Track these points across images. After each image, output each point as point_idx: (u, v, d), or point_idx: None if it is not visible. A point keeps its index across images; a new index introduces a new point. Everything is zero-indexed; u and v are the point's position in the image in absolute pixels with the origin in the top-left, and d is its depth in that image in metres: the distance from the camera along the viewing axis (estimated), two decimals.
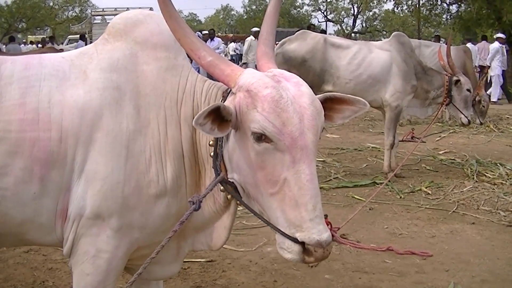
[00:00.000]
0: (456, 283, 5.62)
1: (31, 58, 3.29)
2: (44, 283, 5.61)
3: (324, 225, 2.63)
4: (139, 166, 3.09)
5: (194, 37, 2.94)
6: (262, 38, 3.17)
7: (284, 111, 2.60)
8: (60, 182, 3.07)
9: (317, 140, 2.68)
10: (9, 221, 3.10)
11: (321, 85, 9.56)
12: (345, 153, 12.27)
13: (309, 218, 2.59)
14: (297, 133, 2.59)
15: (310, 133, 2.63)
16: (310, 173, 2.60)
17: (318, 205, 2.62)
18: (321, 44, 9.58)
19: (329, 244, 2.63)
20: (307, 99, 2.68)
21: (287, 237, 2.66)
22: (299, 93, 2.68)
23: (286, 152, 2.61)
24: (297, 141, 2.59)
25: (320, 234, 2.59)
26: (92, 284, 3.19)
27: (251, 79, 2.74)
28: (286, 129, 2.59)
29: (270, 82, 2.69)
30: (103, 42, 3.35)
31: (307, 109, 2.65)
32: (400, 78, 9.79)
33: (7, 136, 3.00)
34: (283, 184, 2.63)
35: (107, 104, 3.11)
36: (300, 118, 2.62)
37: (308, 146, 2.61)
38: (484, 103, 12.25)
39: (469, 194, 8.83)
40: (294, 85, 2.72)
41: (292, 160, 2.61)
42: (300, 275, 5.84)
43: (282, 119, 2.59)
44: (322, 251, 2.62)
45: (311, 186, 2.60)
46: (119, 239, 3.13)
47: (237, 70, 2.86)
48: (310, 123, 2.64)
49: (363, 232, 7.22)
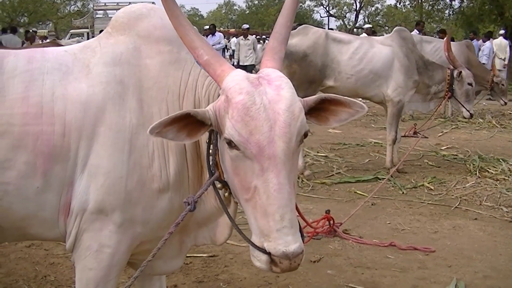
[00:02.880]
0: (459, 279, 5.61)
1: (34, 52, 3.28)
2: (45, 278, 5.61)
3: (294, 236, 2.54)
4: (142, 160, 3.08)
5: (194, 35, 2.91)
6: (274, 31, 3.05)
7: (253, 119, 2.52)
8: (63, 176, 3.06)
9: (292, 148, 2.56)
10: (12, 215, 3.10)
11: (323, 80, 9.54)
12: (347, 148, 12.27)
13: (276, 229, 2.51)
14: (265, 142, 2.51)
15: (280, 142, 2.52)
16: (278, 183, 2.52)
17: (287, 216, 2.52)
18: (322, 39, 9.54)
19: (297, 256, 2.54)
20: (283, 105, 2.56)
21: (254, 246, 2.62)
22: (277, 98, 2.57)
23: (255, 161, 2.54)
24: (264, 150, 2.51)
25: (286, 246, 2.50)
26: (94, 279, 3.19)
27: (230, 82, 2.67)
28: (253, 138, 2.51)
29: (246, 87, 2.60)
30: (106, 36, 3.34)
31: (281, 115, 2.53)
32: (402, 73, 9.77)
33: (10, 130, 2.99)
34: (254, 192, 2.58)
35: (110, 98, 3.10)
36: (271, 125, 2.52)
37: (276, 155, 2.51)
38: (502, 81, 12.28)
39: (472, 190, 8.82)
40: (274, 88, 2.61)
41: (260, 169, 2.54)
42: (303, 270, 5.83)
43: (250, 128, 2.52)
44: (288, 263, 2.53)
45: (278, 196, 2.51)
46: (122, 234, 3.13)
47: (227, 70, 2.78)
48: (282, 131, 2.52)
49: (366, 227, 7.21)
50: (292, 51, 9.22)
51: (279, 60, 2.91)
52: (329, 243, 6.62)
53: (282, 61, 2.94)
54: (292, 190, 2.59)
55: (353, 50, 9.68)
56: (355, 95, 10.34)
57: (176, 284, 5.45)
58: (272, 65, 2.84)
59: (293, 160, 2.61)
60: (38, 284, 5.48)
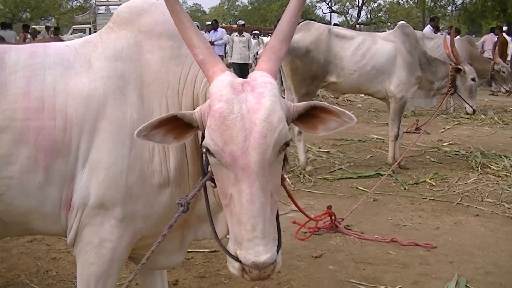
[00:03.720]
0: (460, 275, 5.61)
1: (35, 47, 3.29)
2: (47, 273, 5.62)
3: (265, 246, 2.51)
4: (142, 155, 3.09)
5: (193, 32, 2.86)
6: (277, 28, 2.94)
7: (228, 128, 2.46)
8: (64, 171, 3.07)
9: (268, 159, 2.49)
10: (14, 210, 3.11)
11: (325, 75, 9.53)
12: (350, 144, 12.26)
13: (247, 238, 2.49)
14: (238, 152, 2.46)
15: (254, 153, 2.45)
16: (250, 194, 2.47)
17: (259, 226, 2.48)
18: (325, 34, 9.52)
19: (267, 266, 2.51)
20: (261, 115, 2.47)
21: (228, 253, 2.62)
22: (256, 106, 2.49)
23: (230, 170, 2.51)
24: (238, 161, 2.47)
25: (257, 256, 2.48)
26: (96, 274, 3.20)
27: (214, 88, 2.62)
28: (227, 148, 2.47)
29: (226, 94, 2.54)
30: (108, 31, 3.34)
31: (257, 126, 2.46)
32: (405, 69, 9.76)
33: (12, 124, 3.00)
34: (230, 199, 2.55)
35: (111, 93, 3.11)
36: (246, 136, 2.46)
37: (250, 166, 2.46)
38: (503, 69, 12.26)
39: (474, 186, 8.81)
40: (256, 96, 2.53)
41: (235, 178, 2.50)
42: (304, 266, 5.84)
43: (225, 137, 2.47)
44: (257, 273, 2.52)
45: (250, 207, 2.47)
46: (123, 228, 3.14)
47: (217, 73, 2.72)
48: (256, 142, 2.45)
49: (367, 223, 7.21)
50: (295, 47, 9.21)
51: (276, 60, 2.81)
52: (331, 239, 6.63)
53: (280, 61, 2.84)
54: (268, 200, 2.53)
55: (356, 46, 9.66)
56: (357, 91, 10.39)
57: (178, 279, 5.46)
58: (265, 67, 2.75)
59: (272, 169, 2.55)
60: (40, 279, 5.49)
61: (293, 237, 6.56)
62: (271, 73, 2.71)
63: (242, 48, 19.91)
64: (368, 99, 18.66)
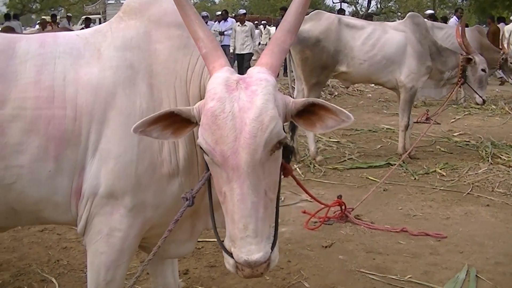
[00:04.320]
0: (470, 265, 5.61)
1: (46, 36, 3.30)
2: (58, 262, 5.65)
3: (258, 245, 2.49)
4: (152, 145, 3.09)
5: (198, 25, 2.85)
6: (283, 19, 2.88)
7: (219, 128, 2.44)
8: (74, 160, 3.08)
9: (258, 159, 2.44)
10: (25, 199, 3.12)
11: (335, 65, 9.52)
12: (360, 134, 12.27)
13: (240, 237, 2.48)
14: (228, 152, 2.43)
15: (244, 153, 2.42)
16: (241, 193, 2.45)
17: (250, 226, 2.46)
18: (335, 24, 9.50)
19: (260, 265, 2.50)
20: (252, 114, 2.43)
21: (223, 249, 2.63)
22: (247, 105, 2.45)
23: (222, 169, 2.50)
24: (228, 161, 2.44)
25: (249, 254, 2.47)
26: (106, 263, 3.22)
27: (210, 85, 2.59)
28: (217, 148, 2.45)
29: (220, 92, 2.51)
30: (118, 20, 3.34)
31: (248, 125, 2.41)
32: (415, 59, 9.74)
33: (23, 113, 3.01)
34: (225, 197, 2.54)
35: (121, 82, 3.11)
36: (236, 136, 2.42)
37: (240, 166, 2.43)
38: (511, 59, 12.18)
39: (484, 176, 8.79)
40: (249, 94, 2.48)
41: (227, 177, 2.49)
42: (314, 256, 5.85)
43: (216, 137, 2.45)
44: (250, 271, 2.52)
45: (241, 206, 2.45)
46: (132, 218, 3.14)
47: (216, 68, 2.70)
48: (246, 142, 2.41)
49: (377, 213, 7.21)
50: (305, 36, 9.21)
51: (279, 53, 2.75)
52: (341, 229, 6.63)
53: (284, 53, 2.78)
54: (261, 200, 2.50)
55: (366, 36, 9.64)
56: (368, 81, 10.37)
57: (188, 268, 5.48)
58: (266, 61, 2.71)
59: (265, 168, 2.51)
60: (51, 268, 5.52)
61: (303, 227, 6.57)
62: (272, 67, 2.67)
63: (244, 38, 19.48)
64: (378, 89, 18.64)
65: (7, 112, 3.01)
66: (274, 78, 2.61)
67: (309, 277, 5.38)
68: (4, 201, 3.13)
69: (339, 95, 18.61)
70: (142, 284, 5.09)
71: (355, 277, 5.40)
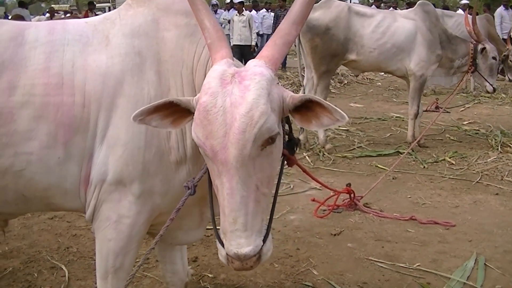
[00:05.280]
0: (479, 253, 5.60)
1: (55, 24, 3.31)
2: (68, 249, 5.68)
3: (247, 239, 2.50)
4: (160, 133, 3.09)
5: (205, 15, 2.87)
6: (290, 9, 2.84)
7: (210, 123, 2.44)
8: (83, 147, 3.09)
9: (247, 154, 2.43)
10: (35, 185, 3.13)
11: (345, 53, 9.52)
12: (369, 122, 12.27)
13: (230, 230, 2.50)
14: (218, 147, 2.43)
15: (233, 148, 2.41)
16: (230, 188, 2.46)
17: (240, 220, 2.47)
18: (345, 12, 9.49)
19: (249, 258, 2.51)
20: (243, 109, 2.41)
21: (218, 240, 2.65)
22: (239, 100, 2.43)
23: (213, 162, 2.51)
24: (217, 155, 2.45)
25: (238, 248, 2.49)
26: (114, 250, 3.23)
27: (206, 78, 2.59)
28: (208, 142, 2.46)
29: (214, 86, 2.50)
30: (127, 8, 3.35)
31: (237, 121, 2.40)
32: (425, 47, 9.72)
33: (32, 100, 3.02)
34: (218, 190, 2.56)
35: (129, 69, 3.12)
36: (226, 131, 2.42)
37: (228, 161, 2.43)
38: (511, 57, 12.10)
39: (493, 165, 8.78)
40: (242, 89, 2.46)
41: (217, 171, 2.50)
42: (323, 244, 5.86)
43: (206, 132, 2.45)
44: (239, 263, 2.53)
45: (231, 200, 2.47)
46: (140, 205, 3.16)
47: (217, 60, 2.69)
48: (235, 137, 2.40)
49: (386, 201, 7.21)
50: (315, 24, 9.21)
51: (281, 45, 2.71)
52: (350, 217, 6.64)
53: (287, 45, 2.74)
54: (251, 194, 2.49)
55: (376, 24, 9.63)
56: (377, 69, 10.35)
57: (197, 256, 5.49)
58: (267, 53, 2.68)
59: (257, 163, 2.50)
60: (61, 255, 5.55)
61: (312, 215, 6.58)
62: (272, 60, 2.64)
63: (242, 28, 18.42)
64: (388, 77, 18.60)
65: (16, 98, 3.03)
66: (271, 72, 2.58)
67: (318, 265, 5.40)
68: (14, 188, 3.15)
69: (348, 83, 18.60)
70: (151, 271, 5.12)
71: (364, 265, 5.41)
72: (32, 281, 5.04)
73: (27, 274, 5.17)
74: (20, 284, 5.00)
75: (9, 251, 5.65)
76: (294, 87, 15.66)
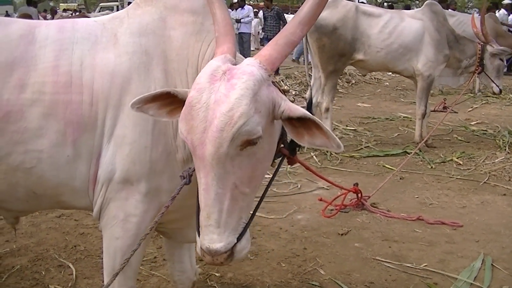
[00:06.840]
0: (486, 254, 5.60)
1: (64, 22, 3.33)
2: (75, 248, 5.69)
3: (220, 235, 2.50)
4: (166, 131, 3.11)
5: (218, 8, 2.89)
6: (298, 10, 2.79)
7: (192, 118, 2.44)
8: (91, 145, 3.11)
9: (224, 153, 2.40)
10: (45, 183, 3.15)
11: (352, 53, 9.52)
12: (377, 122, 12.26)
13: (204, 224, 2.50)
14: (197, 142, 2.44)
15: (209, 145, 2.39)
16: (205, 183, 2.46)
17: (213, 216, 2.47)
18: (352, 12, 9.49)
19: (220, 255, 2.51)
20: (224, 107, 2.37)
21: (198, 233, 2.63)
22: (222, 98, 2.40)
23: (194, 157, 2.53)
24: (196, 151, 2.46)
25: (210, 243, 2.48)
26: (121, 248, 3.24)
27: (200, 72, 2.58)
28: (189, 137, 2.46)
29: (202, 82, 2.49)
30: (135, 7, 3.36)
31: (217, 119, 2.37)
32: (433, 47, 9.71)
33: (42, 98, 3.04)
34: (198, 184, 2.56)
35: (136, 68, 3.13)
36: (205, 128, 2.41)
37: (205, 157, 2.42)
38: None
39: (501, 165, 8.76)
40: (228, 87, 2.42)
41: (197, 166, 2.52)
42: (330, 243, 5.86)
43: (188, 126, 2.46)
44: (210, 258, 2.52)
45: (206, 196, 2.47)
46: (147, 203, 3.17)
47: (217, 54, 2.69)
48: (213, 135, 2.38)
49: (394, 201, 7.21)
50: (322, 24, 9.21)
51: (284, 45, 2.66)
52: (357, 216, 6.64)
53: (290, 45, 2.69)
54: (227, 192, 2.48)
55: (383, 24, 9.62)
56: (385, 69, 10.35)
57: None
58: (266, 52, 2.64)
59: (236, 162, 2.47)
60: (68, 253, 5.56)
61: (319, 214, 6.58)
62: (269, 60, 2.59)
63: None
64: (395, 77, 18.58)
65: (27, 96, 3.04)
66: (264, 72, 2.53)
67: (325, 264, 5.40)
68: (24, 185, 3.17)
69: (356, 83, 18.58)
70: (158, 270, 5.12)
71: (371, 265, 5.41)
72: (40, 279, 5.06)
73: (34, 272, 5.18)
74: (28, 282, 5.01)
75: (17, 249, 5.67)
76: (302, 86, 15.65)
